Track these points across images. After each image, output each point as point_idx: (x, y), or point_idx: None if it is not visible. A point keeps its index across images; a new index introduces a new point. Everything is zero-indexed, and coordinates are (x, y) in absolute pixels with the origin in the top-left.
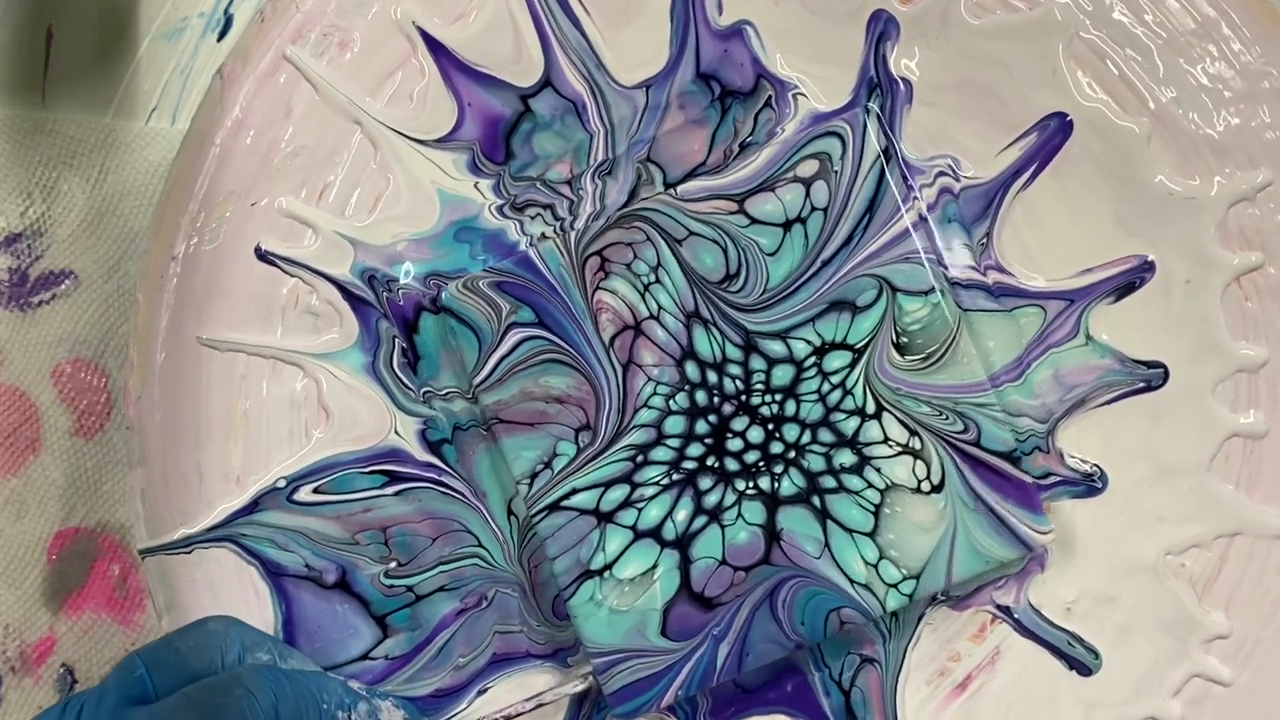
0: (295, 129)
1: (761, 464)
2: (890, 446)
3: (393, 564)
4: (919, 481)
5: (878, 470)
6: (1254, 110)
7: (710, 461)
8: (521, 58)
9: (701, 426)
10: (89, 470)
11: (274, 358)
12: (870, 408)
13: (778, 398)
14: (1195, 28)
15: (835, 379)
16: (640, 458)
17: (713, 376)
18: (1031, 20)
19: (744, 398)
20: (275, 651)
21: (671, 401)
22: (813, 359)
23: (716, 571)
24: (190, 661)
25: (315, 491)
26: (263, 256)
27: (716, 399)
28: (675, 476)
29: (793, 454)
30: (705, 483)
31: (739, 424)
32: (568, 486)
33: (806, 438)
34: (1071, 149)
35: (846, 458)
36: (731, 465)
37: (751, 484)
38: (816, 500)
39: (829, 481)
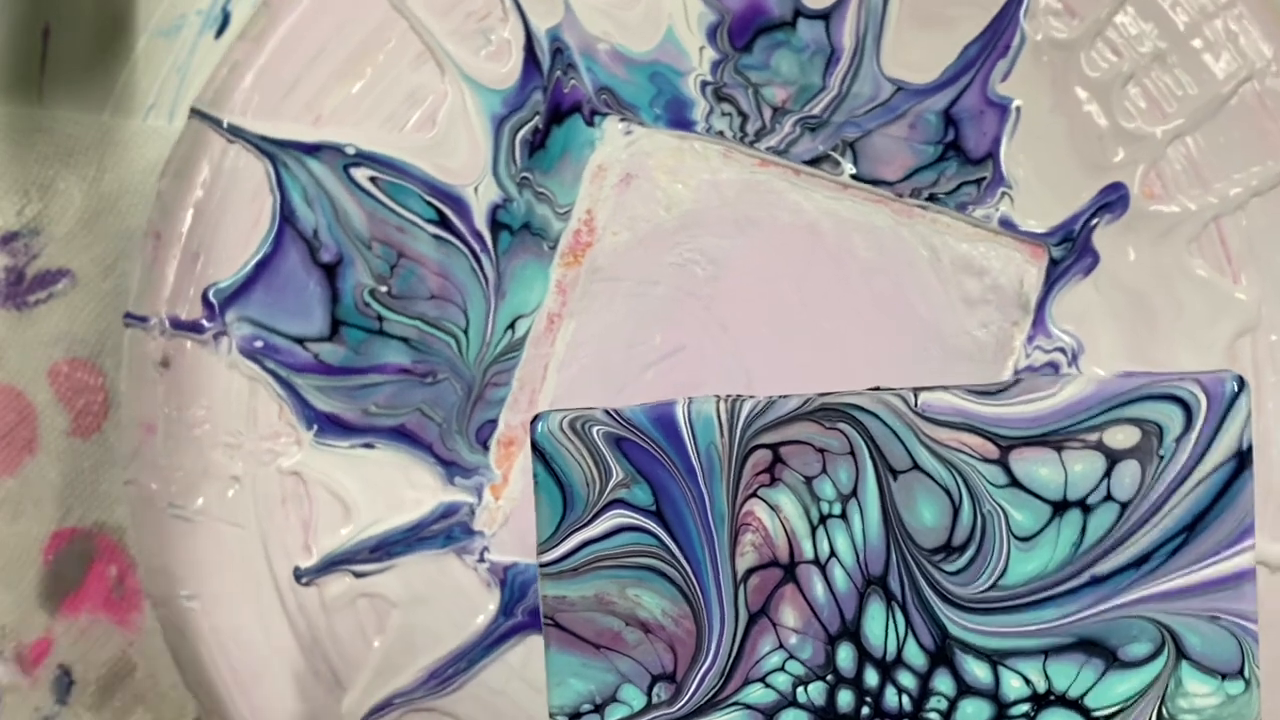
0: None
1: None
2: None
3: (384, 289)
4: None
5: None
6: None
7: None
8: None
9: None
10: (86, 470)
11: (427, 44)
12: None
13: None
14: None
15: None
16: None
17: (872, 678)
18: (1226, 293)
19: None
20: None
21: (801, 689)
22: (1026, 708)
23: None
24: None
25: (371, 180)
26: None
27: (867, 711)
28: None
29: None
30: None
31: None
32: None
33: None
34: None
35: None
36: None
37: None
38: None
39: None
